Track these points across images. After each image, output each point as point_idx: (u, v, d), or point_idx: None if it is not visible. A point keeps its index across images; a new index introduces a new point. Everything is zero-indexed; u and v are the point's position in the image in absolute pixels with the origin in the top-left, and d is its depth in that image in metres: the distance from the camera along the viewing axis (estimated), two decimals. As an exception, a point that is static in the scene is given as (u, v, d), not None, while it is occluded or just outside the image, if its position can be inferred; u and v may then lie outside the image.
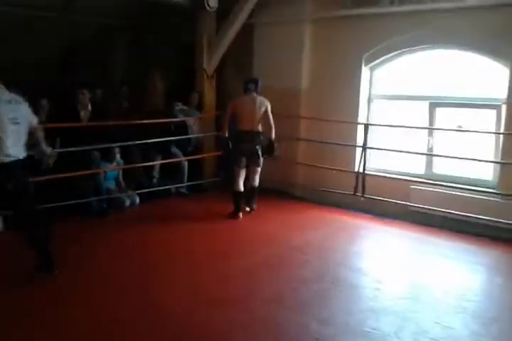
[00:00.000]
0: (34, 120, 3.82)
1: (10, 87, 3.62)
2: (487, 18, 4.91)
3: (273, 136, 5.51)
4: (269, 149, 5.56)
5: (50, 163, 5.16)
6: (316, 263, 4.28)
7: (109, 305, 3.39)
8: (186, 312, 3.31)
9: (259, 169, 5.64)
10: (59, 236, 4.71)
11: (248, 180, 5.70)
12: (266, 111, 5.49)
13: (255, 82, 5.59)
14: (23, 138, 3.67)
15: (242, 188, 5.60)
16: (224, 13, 6.43)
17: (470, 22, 5.01)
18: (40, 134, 3.91)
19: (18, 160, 3.60)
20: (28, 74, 5.72)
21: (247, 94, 5.53)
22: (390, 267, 4.30)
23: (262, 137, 5.53)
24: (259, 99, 5.50)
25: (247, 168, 5.63)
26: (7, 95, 3.58)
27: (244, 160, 5.53)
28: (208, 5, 6.25)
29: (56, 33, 6.15)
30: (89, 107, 5.71)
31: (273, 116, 5.54)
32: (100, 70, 7.64)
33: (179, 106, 6.52)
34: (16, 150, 3.58)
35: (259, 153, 5.53)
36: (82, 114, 5.63)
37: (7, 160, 3.52)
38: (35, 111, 5.03)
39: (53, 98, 5.60)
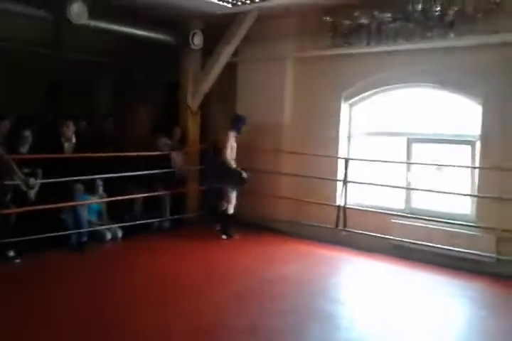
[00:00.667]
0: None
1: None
2: (461, 57, 5.13)
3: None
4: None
5: (32, 196, 5.19)
6: (291, 295, 4.23)
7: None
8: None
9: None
10: (35, 267, 4.71)
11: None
12: None
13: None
14: None
15: None
16: (208, 51, 6.65)
17: (444, 61, 5.24)
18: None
19: None
20: (13, 106, 5.78)
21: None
22: (369, 299, 4.27)
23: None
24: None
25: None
26: None
27: None
28: (193, 43, 6.47)
29: (43, 68, 6.27)
30: (74, 139, 5.75)
31: (256, 151, 5.67)
32: (86, 104, 7.77)
33: (163, 140, 6.59)
34: None
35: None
36: (66, 145, 5.65)
37: None
38: (18, 142, 5.14)
39: (36, 129, 5.64)
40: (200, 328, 3.47)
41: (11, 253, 4.94)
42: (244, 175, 5.92)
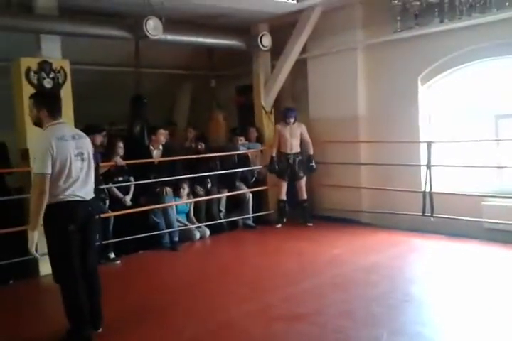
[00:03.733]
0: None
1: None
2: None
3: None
4: None
5: (128, 202, 5.61)
6: (384, 282, 4.18)
7: (186, 326, 3.46)
8: (259, 328, 3.36)
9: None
10: (132, 269, 5.05)
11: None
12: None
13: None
14: (92, 176, 3.36)
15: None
16: (277, 51, 6.80)
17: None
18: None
19: (85, 201, 3.26)
20: (105, 119, 6.30)
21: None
22: (462, 284, 4.10)
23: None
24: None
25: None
26: (69, 130, 3.33)
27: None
28: (262, 44, 6.65)
29: (128, 86, 6.79)
30: (161, 147, 6.12)
31: (333, 144, 5.84)
32: (167, 115, 8.25)
33: (241, 141, 6.82)
34: (84, 189, 3.25)
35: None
36: (155, 153, 6.01)
37: (72, 199, 3.18)
38: (113, 152, 5.58)
39: (127, 140, 6.07)
40: (299, 314, 3.55)
41: (112, 255, 5.32)
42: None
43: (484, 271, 4.39)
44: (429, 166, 5.57)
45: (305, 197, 6.61)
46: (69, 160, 3.15)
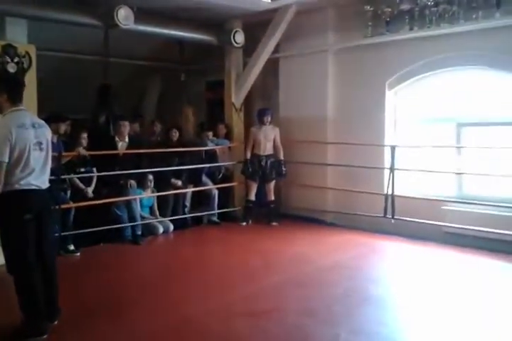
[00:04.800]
0: None
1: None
2: (509, 37, 5.00)
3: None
4: None
5: (90, 193, 5.48)
6: (345, 281, 4.24)
7: (144, 321, 3.40)
8: (219, 324, 3.34)
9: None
10: (91, 261, 4.94)
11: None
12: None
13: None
14: (48, 166, 3.28)
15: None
16: (249, 49, 6.78)
17: (491, 42, 5.11)
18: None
19: (41, 190, 3.18)
20: (70, 109, 6.13)
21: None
22: (421, 284, 4.21)
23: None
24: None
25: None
26: (29, 118, 3.21)
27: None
28: (235, 41, 6.62)
29: (95, 75, 6.63)
30: (127, 139, 6.00)
31: (301, 144, 5.85)
32: (134, 107, 8.11)
33: (210, 136, 6.77)
34: (39, 179, 3.16)
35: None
36: (120, 145, 5.89)
37: (28, 187, 3.09)
38: (76, 142, 5.44)
39: (91, 131, 5.92)
40: (259, 311, 3.55)
41: (71, 247, 5.18)
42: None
43: (441, 273, 4.51)
44: (392, 169, 5.70)
45: (272, 198, 6.65)
46: (27, 149, 3.08)
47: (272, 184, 6.64)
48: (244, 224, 6.58)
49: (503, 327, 3.27)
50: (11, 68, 4.92)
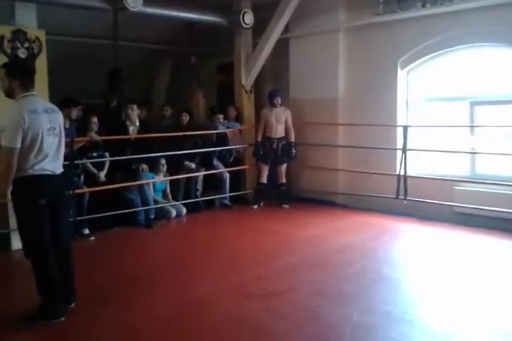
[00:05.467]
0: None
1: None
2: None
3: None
4: None
5: (103, 177, 5.54)
6: (357, 262, 4.27)
7: (158, 303, 3.46)
8: (232, 305, 3.39)
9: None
10: (106, 245, 5.02)
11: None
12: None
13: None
14: (62, 151, 3.30)
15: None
16: (259, 30, 6.70)
17: (506, 18, 4.99)
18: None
19: (55, 175, 3.21)
20: (82, 94, 6.17)
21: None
22: (432, 264, 4.22)
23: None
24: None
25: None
26: (42, 103, 3.24)
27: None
28: (244, 22, 6.54)
29: (106, 59, 6.63)
30: (137, 123, 6.02)
31: (312, 125, 5.84)
32: (145, 91, 8.10)
33: (220, 119, 6.76)
34: (53, 164, 3.19)
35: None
36: (131, 129, 5.91)
37: (42, 173, 3.12)
38: (87, 127, 5.48)
39: (102, 116, 5.95)
40: (273, 292, 3.59)
41: (86, 231, 5.27)
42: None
43: (453, 253, 4.51)
44: (404, 150, 5.65)
45: (284, 180, 6.66)
46: (41, 135, 3.10)
47: (284, 167, 6.64)
48: (255, 207, 6.61)
49: (515, 307, 3.27)
50: (22, 54, 4.93)
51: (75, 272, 3.40)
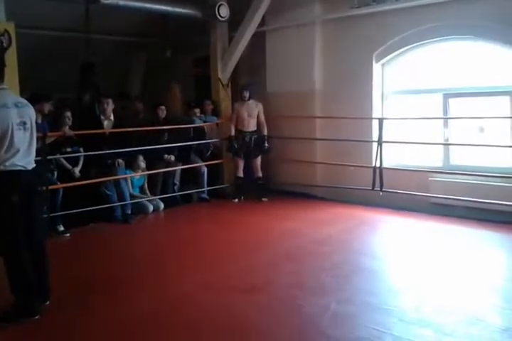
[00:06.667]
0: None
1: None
2: (496, 5, 4.94)
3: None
4: None
5: (77, 173, 5.44)
6: (335, 254, 4.30)
7: (139, 299, 3.43)
8: (211, 299, 3.38)
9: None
10: (82, 242, 4.95)
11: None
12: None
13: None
14: (34, 146, 3.22)
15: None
16: (235, 24, 6.65)
17: (477, 11, 5.06)
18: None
19: (27, 171, 3.13)
20: (53, 88, 6.04)
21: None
22: (408, 254, 4.29)
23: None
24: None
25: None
26: (12, 97, 3.16)
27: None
28: (220, 15, 6.48)
29: (78, 52, 6.50)
30: (112, 117, 5.92)
31: (288, 119, 5.85)
32: (119, 85, 7.98)
33: (197, 113, 6.71)
34: (25, 159, 3.12)
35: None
36: (106, 123, 5.80)
37: (13, 168, 3.05)
38: (61, 122, 5.37)
39: (76, 110, 5.83)
40: (252, 285, 3.60)
41: (61, 228, 5.17)
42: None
43: (430, 244, 4.57)
44: (380, 142, 5.71)
45: (260, 174, 6.65)
46: (11, 129, 3.02)
47: (258, 160, 6.63)
48: (236, 200, 6.59)
49: (488, 295, 3.34)
50: (-10, 47, 4.79)
51: (49, 269, 3.33)
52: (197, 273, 3.90)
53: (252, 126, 6.51)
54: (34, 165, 3.25)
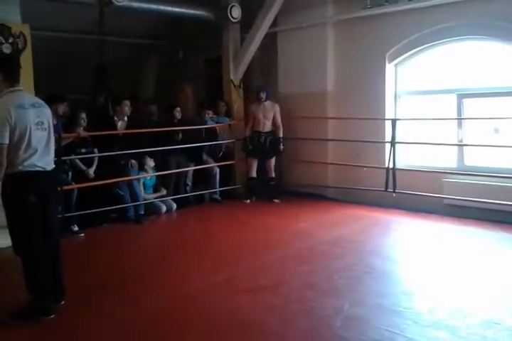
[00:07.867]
0: None
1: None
2: (509, 5, 4.90)
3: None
4: None
5: (91, 174, 5.49)
6: (347, 255, 4.29)
7: (150, 299, 3.46)
8: (223, 299, 3.39)
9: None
10: (96, 242, 5.00)
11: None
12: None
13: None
14: (52, 146, 3.25)
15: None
16: (247, 25, 6.67)
17: (492, 11, 5.02)
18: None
19: (46, 172, 3.16)
20: (69, 90, 6.11)
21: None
22: (422, 256, 4.26)
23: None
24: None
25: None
26: (28, 98, 3.20)
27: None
28: (232, 16, 6.51)
29: (92, 54, 6.58)
30: (126, 118, 5.96)
31: (300, 120, 5.89)
32: (132, 87, 8.03)
33: (209, 114, 6.73)
34: (44, 160, 3.14)
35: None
36: (120, 124, 5.84)
37: (32, 169, 3.07)
38: (76, 123, 5.42)
39: (90, 111, 5.88)
40: (264, 285, 3.60)
41: (75, 228, 5.22)
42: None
43: (443, 245, 4.54)
44: (393, 143, 5.68)
45: (273, 175, 6.65)
46: (28, 129, 3.05)
47: (272, 161, 6.63)
48: (248, 201, 6.60)
49: (504, 297, 3.31)
50: (6, 49, 4.84)
51: (64, 269, 3.37)
52: (208, 274, 3.91)
53: (267, 127, 6.52)
54: (53, 166, 3.29)
